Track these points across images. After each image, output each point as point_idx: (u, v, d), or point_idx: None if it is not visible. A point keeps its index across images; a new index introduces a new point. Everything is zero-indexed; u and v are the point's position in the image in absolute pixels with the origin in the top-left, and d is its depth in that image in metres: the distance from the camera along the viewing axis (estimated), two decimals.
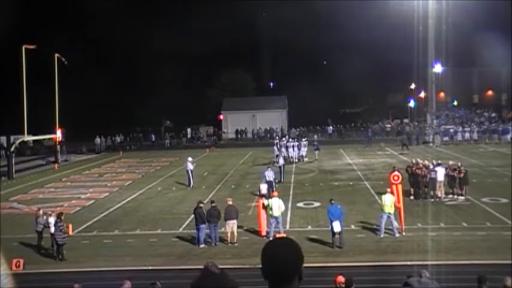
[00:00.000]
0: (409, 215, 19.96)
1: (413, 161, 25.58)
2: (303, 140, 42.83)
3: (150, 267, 15.88)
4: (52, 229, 17.26)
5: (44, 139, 49.50)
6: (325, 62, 76.16)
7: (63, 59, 42.98)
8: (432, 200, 23.50)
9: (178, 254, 17.39)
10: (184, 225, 20.68)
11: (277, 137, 49.93)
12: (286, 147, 39.33)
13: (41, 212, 18.78)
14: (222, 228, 18.35)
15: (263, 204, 18.70)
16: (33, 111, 39.08)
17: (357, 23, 60.70)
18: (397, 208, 18.41)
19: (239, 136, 63.30)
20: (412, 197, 23.74)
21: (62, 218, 17.61)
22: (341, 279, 10.66)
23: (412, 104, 66.90)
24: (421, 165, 24.48)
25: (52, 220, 17.64)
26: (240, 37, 68.17)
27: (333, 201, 18.08)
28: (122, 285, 11.28)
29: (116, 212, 24.33)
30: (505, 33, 50.32)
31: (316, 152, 40.70)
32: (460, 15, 49.41)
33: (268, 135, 60.83)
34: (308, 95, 61.54)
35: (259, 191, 22.07)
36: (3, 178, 36.37)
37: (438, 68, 57.87)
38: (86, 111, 59.38)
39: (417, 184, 24.05)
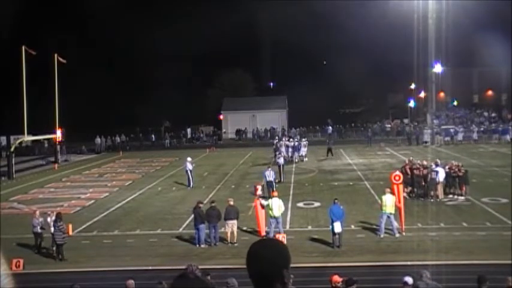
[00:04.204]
0: (409, 215, 19.96)
1: (407, 161, 25.85)
2: (303, 140, 42.82)
3: (150, 267, 15.87)
4: (52, 229, 17.23)
5: (43, 139, 49.53)
6: (325, 62, 76.28)
7: (62, 60, 42.94)
8: (432, 200, 23.51)
9: (178, 254, 17.38)
10: (184, 225, 20.67)
11: (277, 137, 49.93)
12: (287, 147, 39.32)
13: (37, 212, 18.67)
14: (222, 228, 18.35)
15: (260, 204, 18.65)
16: (33, 111, 39.08)
17: (357, 23, 60.78)
18: (397, 208, 18.41)
19: (239, 136, 63.28)
20: (410, 196, 23.73)
21: (61, 217, 17.54)
22: (337, 278, 10.58)
23: (412, 104, 66.92)
24: (417, 165, 24.56)
25: (51, 220, 17.59)
26: (240, 37, 68.25)
27: (336, 201, 17.98)
28: (125, 285, 11.30)
29: (116, 212, 24.32)
30: (505, 33, 50.37)
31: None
32: (460, 15, 49.44)
33: (269, 135, 60.82)
34: (308, 95, 61.53)
35: (255, 190, 21.81)
36: (3, 178, 36.37)
37: (438, 68, 57.88)
38: (86, 111, 59.38)
39: (415, 184, 24.12)
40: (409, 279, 10.31)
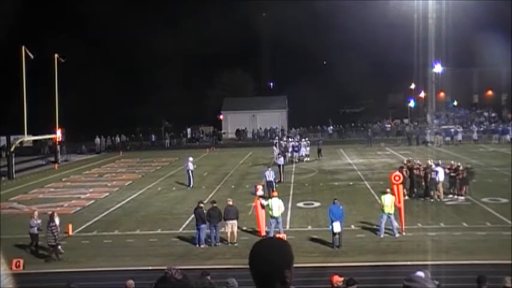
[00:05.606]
0: (409, 215, 19.95)
1: (405, 160, 25.89)
2: (303, 140, 42.83)
3: (150, 267, 15.85)
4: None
5: (44, 139, 49.52)
6: (325, 62, 76.30)
7: (61, 59, 42.92)
8: (432, 200, 23.52)
9: (178, 254, 17.37)
10: (184, 225, 20.67)
11: (276, 137, 49.96)
12: (287, 147, 39.34)
13: (35, 213, 18.56)
14: (222, 229, 18.35)
15: (261, 204, 18.65)
16: (33, 111, 39.07)
17: (357, 23, 60.80)
18: (397, 208, 18.41)
19: (239, 136, 63.27)
20: (410, 196, 23.72)
21: (54, 218, 17.31)
22: (337, 278, 10.57)
23: (412, 104, 66.95)
24: (417, 165, 24.58)
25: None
26: (239, 37, 68.20)
27: (336, 201, 18.00)
28: (125, 285, 11.31)
29: (116, 212, 24.31)
30: (505, 33, 50.39)
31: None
32: (460, 15, 49.47)
33: (268, 135, 60.81)
34: (308, 95, 61.55)
35: (256, 190, 21.81)
36: (3, 178, 36.36)
37: (438, 68, 58.00)
38: (86, 111, 59.38)
39: (414, 184, 24.14)
40: (421, 274, 10.28)
